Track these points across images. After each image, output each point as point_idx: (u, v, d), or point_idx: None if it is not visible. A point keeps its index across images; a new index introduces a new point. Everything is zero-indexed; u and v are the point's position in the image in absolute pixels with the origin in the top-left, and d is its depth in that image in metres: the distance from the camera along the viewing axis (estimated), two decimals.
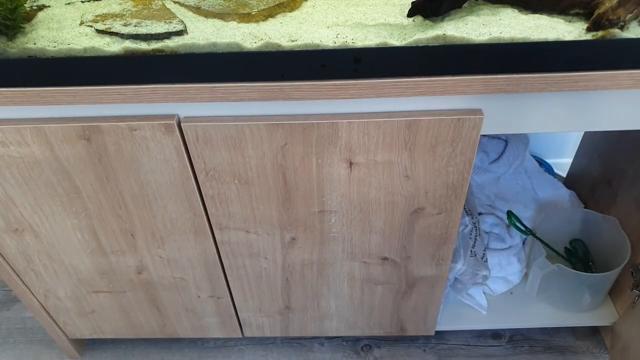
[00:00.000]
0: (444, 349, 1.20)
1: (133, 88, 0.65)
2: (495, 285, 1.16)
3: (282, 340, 1.23)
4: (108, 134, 0.71)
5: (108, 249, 0.90)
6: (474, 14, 0.65)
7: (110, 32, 0.65)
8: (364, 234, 0.85)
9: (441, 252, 0.89)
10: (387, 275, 0.94)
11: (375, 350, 1.20)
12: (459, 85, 0.63)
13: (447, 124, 0.68)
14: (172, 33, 0.64)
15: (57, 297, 1.02)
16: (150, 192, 0.79)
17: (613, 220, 1.09)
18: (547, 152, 1.49)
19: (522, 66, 0.62)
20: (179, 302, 1.03)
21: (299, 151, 0.72)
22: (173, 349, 1.22)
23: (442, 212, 0.81)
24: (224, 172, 0.76)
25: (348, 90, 0.64)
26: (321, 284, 0.97)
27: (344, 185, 0.77)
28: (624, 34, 0.60)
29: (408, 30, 0.63)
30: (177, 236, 0.87)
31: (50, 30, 0.67)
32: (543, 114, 0.68)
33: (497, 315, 1.13)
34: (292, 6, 0.69)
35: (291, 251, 0.89)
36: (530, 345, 1.19)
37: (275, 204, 0.80)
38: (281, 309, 1.04)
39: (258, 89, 0.65)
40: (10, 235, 0.87)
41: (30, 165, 0.75)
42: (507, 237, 1.17)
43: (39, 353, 1.23)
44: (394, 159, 0.73)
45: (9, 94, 0.66)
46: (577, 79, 0.62)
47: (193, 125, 0.69)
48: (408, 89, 0.64)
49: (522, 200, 1.26)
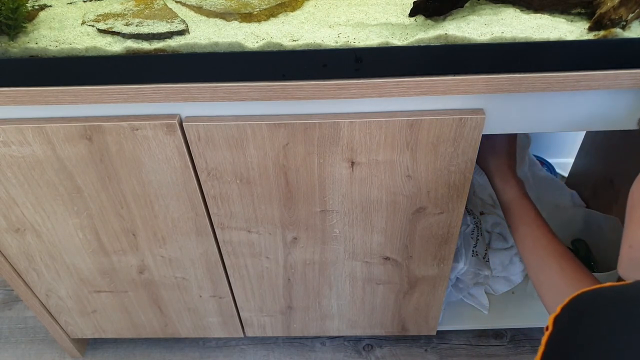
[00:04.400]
0: (445, 349, 1.19)
1: (135, 88, 0.65)
2: (497, 285, 1.16)
3: (283, 340, 1.23)
4: (110, 133, 0.71)
5: (110, 248, 0.90)
6: (476, 14, 0.65)
7: (112, 31, 0.65)
8: (366, 233, 0.85)
9: (443, 251, 0.89)
10: (388, 274, 0.94)
11: (376, 350, 1.20)
12: (461, 85, 0.63)
13: (448, 123, 0.68)
14: (173, 33, 0.64)
15: (58, 297, 1.02)
16: (151, 192, 0.79)
17: (615, 220, 1.09)
18: (549, 152, 1.49)
19: (524, 66, 0.62)
20: (181, 302, 1.03)
21: (300, 151, 0.72)
22: (174, 348, 1.22)
23: (444, 211, 0.81)
24: (226, 172, 0.76)
25: (350, 90, 0.64)
26: (323, 283, 0.97)
27: (345, 185, 0.77)
28: (626, 33, 0.60)
29: (410, 29, 0.63)
30: (179, 236, 0.87)
31: (52, 30, 0.67)
32: (545, 114, 0.68)
33: (499, 315, 1.13)
34: (293, 6, 0.69)
35: (293, 251, 0.89)
36: (532, 345, 1.19)
37: (277, 204, 0.80)
38: (283, 308, 1.04)
39: (260, 88, 0.65)
40: (12, 235, 0.87)
41: (32, 165, 0.75)
42: (509, 237, 1.17)
43: (40, 352, 1.23)
44: (395, 159, 0.73)
45: (11, 94, 0.66)
46: (578, 78, 0.62)
47: (195, 125, 0.69)
48: (410, 88, 0.64)
49: None
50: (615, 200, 1.13)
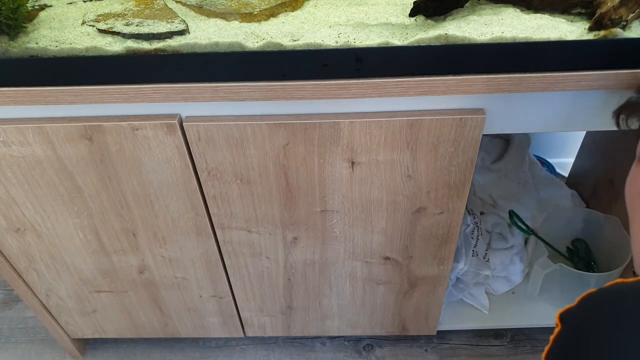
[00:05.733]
0: (445, 349, 1.19)
1: (135, 88, 0.65)
2: (497, 285, 1.16)
3: (284, 340, 1.23)
4: (110, 133, 0.71)
5: (110, 248, 0.90)
6: (476, 14, 0.65)
7: (112, 31, 0.65)
8: (366, 233, 0.85)
9: (443, 251, 0.89)
10: (389, 274, 0.94)
11: (377, 350, 1.20)
12: (461, 85, 0.63)
13: (449, 123, 0.68)
14: (174, 32, 0.64)
15: (58, 297, 1.02)
16: (152, 192, 0.79)
17: (615, 219, 1.09)
18: (549, 152, 1.49)
19: (524, 66, 0.62)
20: (181, 302, 1.03)
21: (301, 151, 0.72)
22: (175, 348, 1.22)
23: (444, 211, 0.81)
24: (226, 172, 0.76)
25: (350, 90, 0.64)
26: (323, 283, 0.97)
27: (345, 184, 0.77)
28: (626, 33, 0.60)
29: (410, 29, 0.63)
30: (179, 236, 0.87)
31: (52, 30, 0.67)
32: (545, 114, 0.68)
33: (499, 314, 1.13)
34: (294, 6, 0.69)
35: (293, 251, 0.89)
36: (532, 345, 1.19)
37: (277, 204, 0.80)
38: (283, 308, 1.04)
39: (260, 88, 0.65)
40: (12, 235, 0.87)
41: (32, 165, 0.75)
42: (509, 237, 1.17)
43: (40, 352, 1.23)
44: (396, 159, 0.73)
45: (11, 94, 0.66)
46: (578, 78, 0.62)
47: (195, 125, 0.69)
48: (410, 88, 0.64)
49: (523, 199, 1.26)
50: (615, 200, 1.13)
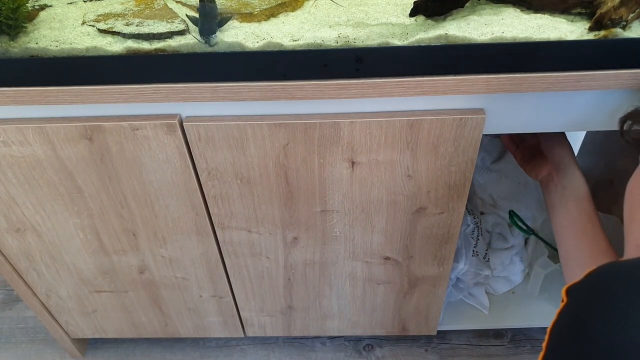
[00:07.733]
0: (446, 349, 1.19)
1: (135, 88, 0.65)
2: (497, 285, 1.16)
3: (284, 340, 1.23)
4: (110, 133, 0.71)
5: (110, 248, 0.90)
6: (476, 14, 0.65)
7: (113, 31, 0.65)
8: (366, 233, 0.85)
9: (443, 251, 0.89)
10: (389, 274, 0.94)
11: (377, 350, 1.20)
12: (461, 85, 0.63)
13: (449, 123, 0.68)
14: (174, 32, 0.64)
15: (59, 297, 1.02)
16: (152, 192, 0.79)
17: (615, 219, 1.09)
18: None
19: (524, 66, 0.62)
20: (181, 302, 1.03)
21: (301, 151, 0.72)
22: (175, 348, 1.22)
23: (444, 211, 0.81)
24: (226, 172, 0.76)
25: (350, 90, 0.64)
26: (323, 283, 0.97)
27: (346, 184, 0.77)
28: (626, 33, 0.60)
29: (410, 29, 0.63)
30: (179, 236, 0.87)
31: (52, 30, 0.67)
32: (545, 114, 0.68)
33: (499, 314, 1.13)
34: (294, 6, 0.69)
35: (293, 251, 0.89)
36: (532, 345, 1.19)
37: (277, 204, 0.80)
38: (283, 308, 1.04)
39: (260, 88, 0.65)
40: (12, 235, 0.87)
41: (33, 165, 0.75)
42: (509, 237, 1.17)
43: (40, 352, 1.23)
44: (396, 159, 0.73)
45: (11, 94, 0.66)
46: (579, 78, 0.62)
47: (195, 125, 0.69)
48: (410, 88, 0.64)
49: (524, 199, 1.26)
50: (615, 200, 1.13)
